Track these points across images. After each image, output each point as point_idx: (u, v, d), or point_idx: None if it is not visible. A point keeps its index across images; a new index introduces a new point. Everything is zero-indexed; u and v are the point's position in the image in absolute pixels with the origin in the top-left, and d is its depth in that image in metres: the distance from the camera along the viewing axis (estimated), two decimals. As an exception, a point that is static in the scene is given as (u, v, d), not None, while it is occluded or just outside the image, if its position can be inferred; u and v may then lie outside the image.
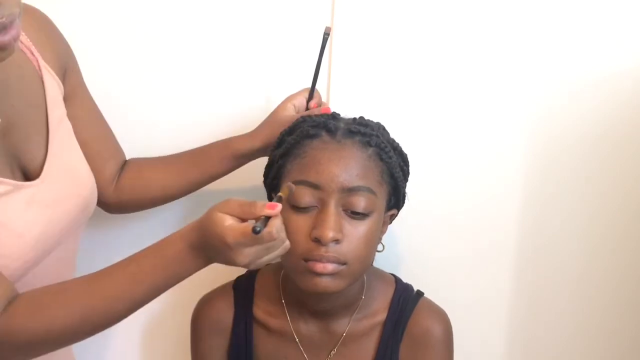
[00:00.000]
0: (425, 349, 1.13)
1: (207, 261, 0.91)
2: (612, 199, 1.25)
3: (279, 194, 0.97)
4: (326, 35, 1.14)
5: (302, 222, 1.02)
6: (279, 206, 0.89)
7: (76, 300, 0.89)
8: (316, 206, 1.02)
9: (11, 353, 0.89)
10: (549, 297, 1.29)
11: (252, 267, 0.91)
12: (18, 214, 0.92)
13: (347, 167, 1.02)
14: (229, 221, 0.87)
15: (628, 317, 1.29)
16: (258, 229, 0.85)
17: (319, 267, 1.00)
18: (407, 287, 1.17)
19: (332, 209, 1.01)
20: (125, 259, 0.92)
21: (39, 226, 0.94)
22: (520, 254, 1.28)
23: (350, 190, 1.02)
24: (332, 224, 1.00)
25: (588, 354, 1.31)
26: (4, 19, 0.78)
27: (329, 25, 1.16)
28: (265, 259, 0.91)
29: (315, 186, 1.02)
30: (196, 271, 0.92)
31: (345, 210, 1.02)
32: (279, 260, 0.96)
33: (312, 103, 1.16)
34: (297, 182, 1.02)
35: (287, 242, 0.92)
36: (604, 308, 1.29)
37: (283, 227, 0.91)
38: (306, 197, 1.02)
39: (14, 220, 0.91)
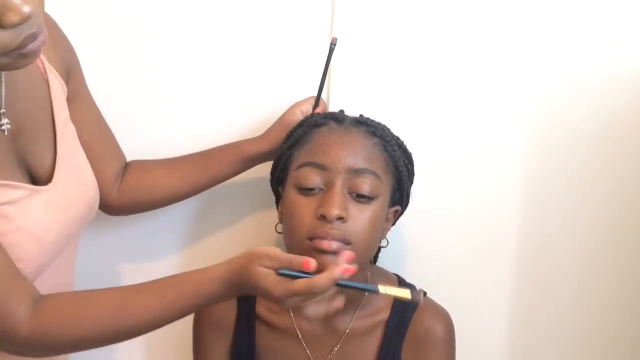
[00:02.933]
0: (427, 348, 1.14)
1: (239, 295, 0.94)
2: (613, 199, 1.26)
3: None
4: (333, 45, 1.16)
5: (308, 202, 1.03)
6: (313, 262, 0.89)
7: (106, 313, 0.92)
8: (322, 188, 1.04)
9: (41, 352, 0.93)
10: (550, 297, 1.29)
11: (291, 305, 0.92)
12: (37, 218, 0.92)
13: (353, 150, 1.05)
14: (271, 276, 0.89)
15: (628, 317, 1.29)
16: (282, 271, 0.88)
17: (324, 244, 1.01)
18: (410, 287, 1.17)
19: (338, 188, 1.03)
20: (163, 282, 0.94)
21: (55, 230, 0.95)
22: (521, 254, 1.28)
23: (356, 172, 1.04)
24: (338, 201, 1.02)
25: (589, 354, 1.31)
26: (34, 30, 0.80)
27: (331, 34, 1.19)
28: (306, 302, 0.91)
29: (322, 167, 1.04)
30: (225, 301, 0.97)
31: (350, 193, 1.04)
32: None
33: (318, 110, 1.18)
34: (304, 164, 1.05)
35: (330, 292, 0.90)
36: (605, 308, 1.29)
37: (328, 286, 0.89)
38: (313, 178, 1.04)
39: (33, 225, 0.92)
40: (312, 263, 0.88)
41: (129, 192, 1.17)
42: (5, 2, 0.77)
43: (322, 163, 1.04)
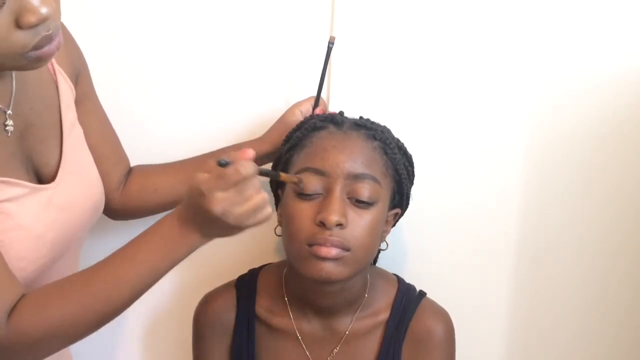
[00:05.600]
0: (427, 349, 1.14)
1: (199, 233, 0.90)
2: (613, 199, 1.26)
3: (282, 173, 0.99)
4: (331, 44, 1.16)
5: (307, 208, 1.03)
6: (250, 150, 0.88)
7: (79, 290, 0.89)
8: (321, 194, 1.04)
9: (24, 353, 0.89)
10: (550, 298, 1.30)
11: (231, 219, 0.87)
12: (36, 216, 0.93)
13: (352, 155, 1.05)
14: (204, 175, 0.88)
15: (629, 318, 1.29)
16: (223, 162, 0.85)
17: (323, 250, 1.01)
18: (410, 288, 1.18)
19: (337, 194, 1.03)
20: (125, 244, 0.92)
21: (56, 229, 0.95)
22: (521, 255, 1.28)
23: (356, 177, 1.04)
24: (337, 207, 1.01)
25: (589, 354, 1.32)
26: (50, 32, 0.82)
27: (331, 33, 1.19)
28: (242, 210, 0.87)
29: (320, 172, 1.04)
30: (192, 248, 0.92)
31: (350, 199, 1.04)
32: (260, 218, 0.90)
33: (318, 110, 1.18)
34: (303, 169, 1.04)
35: (265, 195, 0.90)
36: (605, 308, 1.29)
37: (257, 179, 0.88)
38: (312, 183, 1.03)
39: (33, 223, 0.92)
40: (248, 151, 0.88)
41: (133, 196, 1.18)
42: (23, 3, 0.79)
43: (321, 168, 1.04)
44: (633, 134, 1.23)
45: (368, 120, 1.12)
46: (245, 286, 1.17)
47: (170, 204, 1.19)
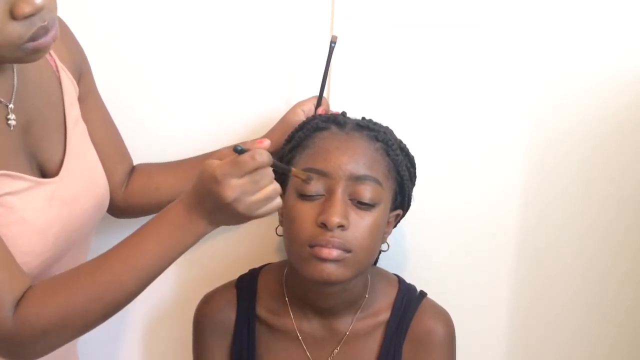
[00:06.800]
0: (427, 349, 1.14)
1: (206, 220, 0.91)
2: (613, 199, 1.26)
3: (293, 168, 0.99)
4: (332, 44, 1.16)
5: (308, 209, 1.03)
6: (267, 141, 0.90)
7: (86, 280, 0.89)
8: (323, 195, 1.04)
9: (33, 345, 0.89)
10: (550, 298, 1.30)
11: (242, 207, 0.88)
12: (39, 210, 0.93)
13: (354, 156, 1.05)
14: (218, 161, 0.89)
15: (628, 318, 1.29)
16: (239, 148, 0.85)
17: (325, 252, 1.01)
18: (411, 288, 1.17)
19: (339, 195, 1.03)
20: (131, 233, 0.92)
21: (59, 223, 0.95)
22: (521, 255, 1.28)
23: (358, 179, 1.04)
24: (339, 209, 1.01)
25: (589, 354, 1.32)
26: (46, 23, 0.83)
27: (331, 33, 1.19)
28: (254, 199, 0.89)
29: (322, 174, 1.04)
30: (199, 236, 0.92)
31: (351, 200, 1.04)
32: (270, 208, 0.92)
33: (320, 110, 1.18)
34: (305, 170, 1.04)
35: (277, 186, 0.91)
36: (605, 309, 1.29)
37: (271, 169, 0.90)
38: (313, 184, 1.03)
39: (36, 217, 0.92)
40: (265, 141, 0.90)
41: (136, 195, 1.18)
42: None
43: (323, 169, 1.04)
44: (633, 134, 1.23)
45: (370, 121, 1.11)
46: (246, 286, 1.17)
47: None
